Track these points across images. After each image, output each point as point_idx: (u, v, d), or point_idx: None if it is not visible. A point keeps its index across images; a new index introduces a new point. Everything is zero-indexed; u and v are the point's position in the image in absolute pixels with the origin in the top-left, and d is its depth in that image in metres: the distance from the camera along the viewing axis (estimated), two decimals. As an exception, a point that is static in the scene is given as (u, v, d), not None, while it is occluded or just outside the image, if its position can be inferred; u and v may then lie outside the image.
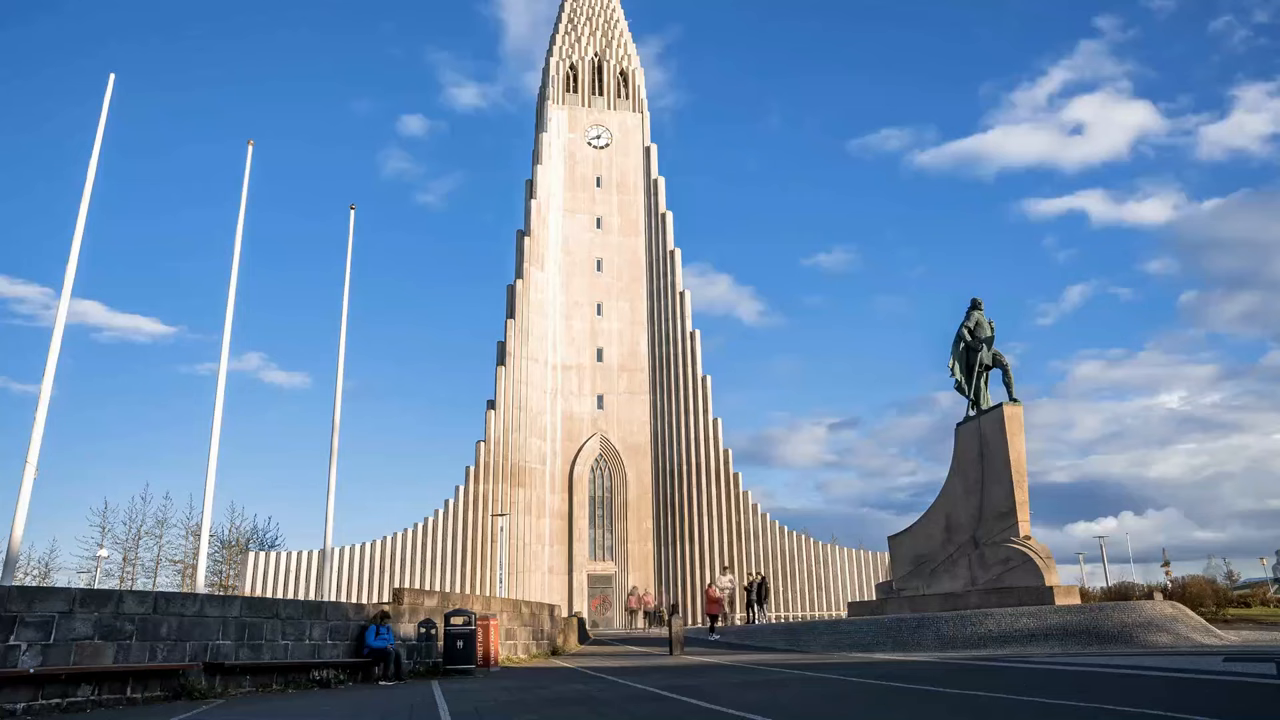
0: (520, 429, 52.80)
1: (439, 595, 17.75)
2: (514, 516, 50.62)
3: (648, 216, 59.75)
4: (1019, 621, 16.33)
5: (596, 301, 57.60)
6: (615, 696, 10.51)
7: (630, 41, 64.97)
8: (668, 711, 8.80)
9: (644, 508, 54.31)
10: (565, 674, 15.37)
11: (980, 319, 21.59)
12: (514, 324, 54.13)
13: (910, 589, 22.15)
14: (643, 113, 62.52)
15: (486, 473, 51.30)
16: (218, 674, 12.27)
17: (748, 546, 53.42)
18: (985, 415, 20.35)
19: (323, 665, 13.98)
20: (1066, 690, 8.96)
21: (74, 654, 10.59)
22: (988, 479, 19.87)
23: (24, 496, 12.89)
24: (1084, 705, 7.65)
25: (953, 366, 21.84)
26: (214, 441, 16.67)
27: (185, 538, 61.20)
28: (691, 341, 56.01)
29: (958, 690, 9.47)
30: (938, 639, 17.15)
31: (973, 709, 7.92)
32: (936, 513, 22.00)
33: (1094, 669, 11.21)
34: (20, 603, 10.32)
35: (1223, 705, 7.47)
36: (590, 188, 59.89)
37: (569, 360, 56.08)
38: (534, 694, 11.37)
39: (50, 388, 13.63)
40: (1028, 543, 18.62)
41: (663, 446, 55.07)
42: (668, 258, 58.08)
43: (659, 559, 53.59)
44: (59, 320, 14.15)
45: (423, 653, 16.36)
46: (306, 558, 49.30)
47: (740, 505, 54.02)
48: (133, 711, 10.43)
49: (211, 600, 12.86)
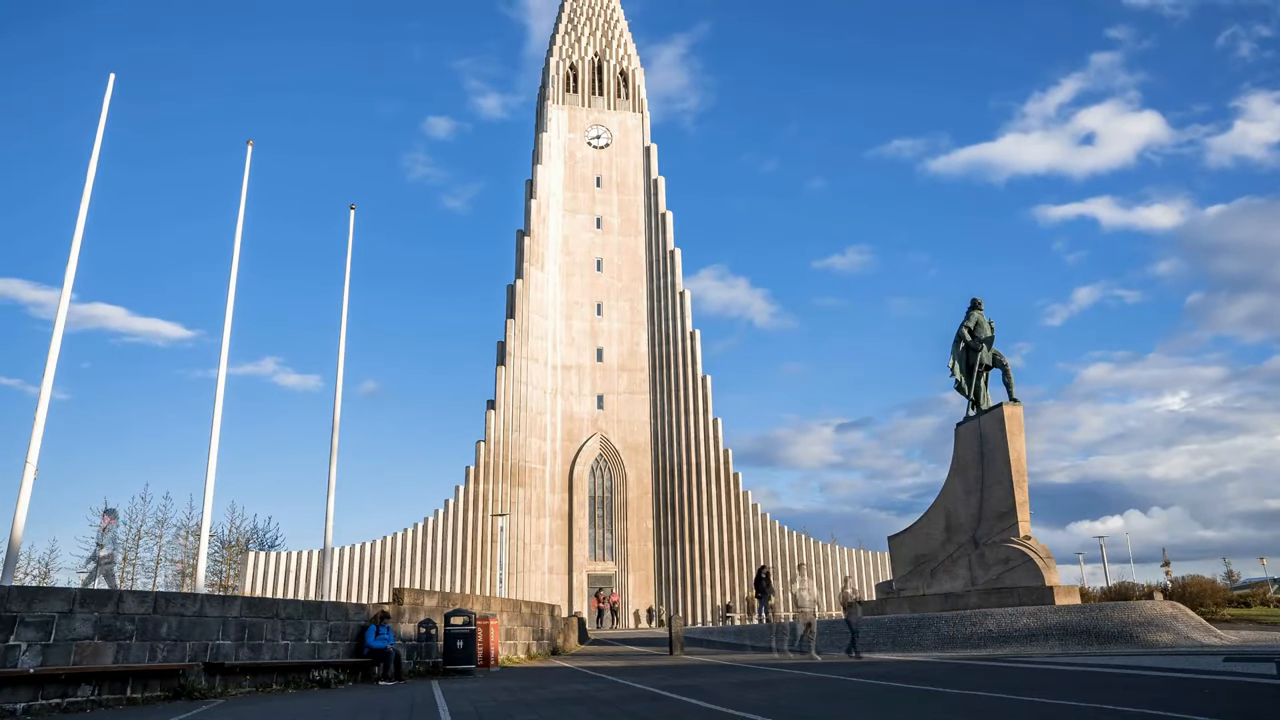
0: (520, 429, 52.80)
1: (439, 595, 17.75)
2: (514, 516, 50.61)
3: (648, 216, 59.74)
4: (1019, 621, 16.33)
5: (596, 301, 57.59)
6: (615, 696, 10.51)
7: (630, 41, 64.95)
8: (667, 711, 8.80)
9: (644, 508, 54.30)
10: (565, 674, 15.37)
11: (980, 319, 21.60)
12: (514, 324, 54.12)
13: (910, 589, 22.14)
14: (643, 113, 62.50)
15: (486, 473, 51.29)
16: (218, 674, 12.27)
17: (748, 546, 53.41)
18: (985, 415, 20.35)
19: (323, 665, 13.98)
20: (1066, 690, 8.96)
21: (74, 654, 10.59)
22: (988, 479, 19.86)
23: (24, 496, 12.89)
24: (1084, 705, 7.64)
25: (953, 366, 21.85)
26: (214, 441, 16.67)
27: (185, 538, 61.20)
28: (692, 341, 55.99)
29: (957, 690, 9.47)
30: (938, 639, 17.15)
31: (972, 709, 7.92)
32: (936, 513, 21.99)
33: (1094, 669, 11.21)
34: (20, 603, 10.32)
35: (1223, 705, 7.47)
36: (590, 188, 59.88)
37: (569, 360, 56.07)
38: (534, 694, 11.37)
39: (50, 389, 13.63)
40: (1028, 543, 18.62)
41: (663, 446, 55.06)
42: (668, 257, 58.06)
43: (659, 559, 53.57)
44: (59, 322, 14.15)
45: (423, 653, 16.36)
46: (306, 558, 49.29)
47: (740, 505, 54.01)
48: (133, 711, 10.42)
49: (211, 600, 12.85)
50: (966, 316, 21.84)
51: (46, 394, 13.55)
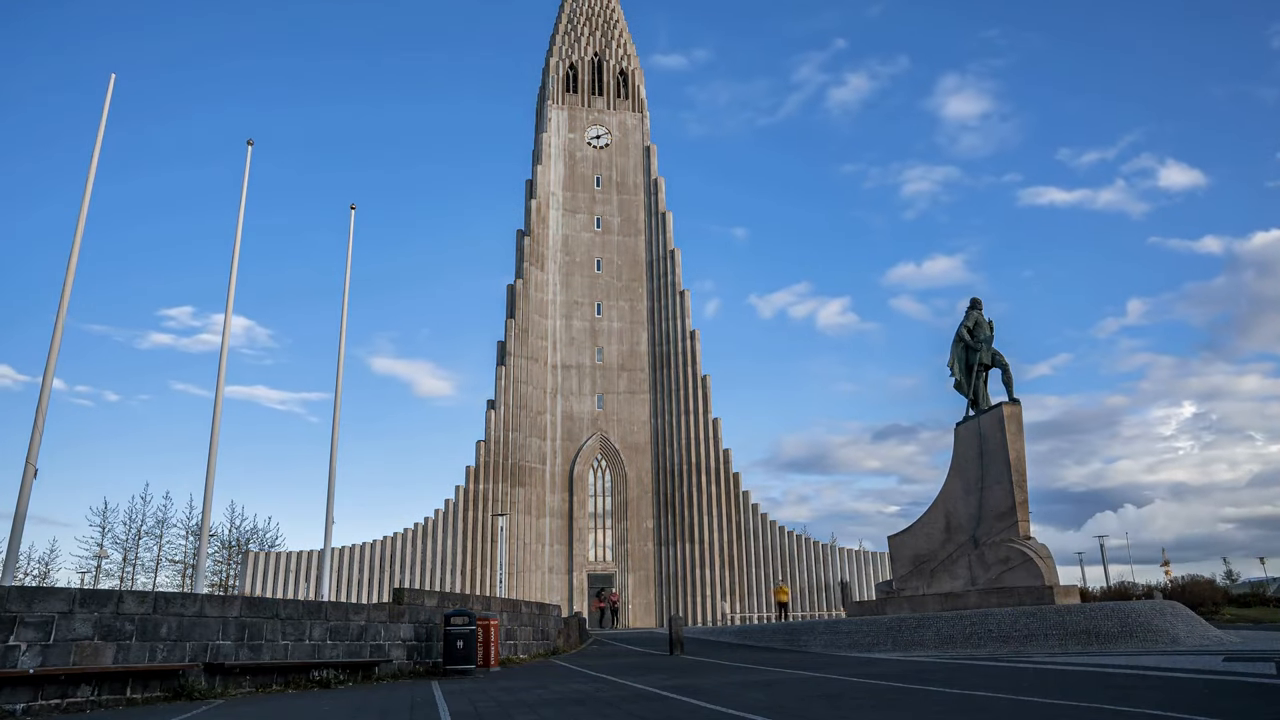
0: (520, 428, 52.79)
1: (439, 595, 17.74)
2: (514, 516, 50.61)
3: (648, 216, 59.74)
4: (1019, 621, 16.32)
5: (596, 301, 57.60)
6: (615, 696, 10.51)
7: (630, 41, 64.95)
8: (668, 711, 8.79)
9: (644, 507, 54.29)
10: (565, 674, 15.37)
11: (980, 319, 21.59)
12: (514, 323, 54.12)
13: (910, 589, 22.14)
14: (643, 112, 62.49)
15: (487, 472, 51.29)
16: (218, 674, 12.27)
17: (748, 546, 53.42)
18: (985, 415, 20.35)
19: (323, 665, 13.97)
20: (1066, 690, 8.96)
21: (74, 654, 10.59)
22: (987, 479, 19.86)
23: (24, 496, 12.90)
24: (1083, 705, 7.64)
25: (952, 365, 21.84)
26: (214, 441, 16.68)
27: (185, 538, 61.22)
28: (692, 341, 55.97)
29: (958, 690, 9.47)
30: (938, 639, 17.15)
31: (973, 709, 7.91)
32: (936, 512, 21.99)
33: (1093, 669, 11.21)
34: (20, 603, 10.31)
35: (1223, 705, 7.46)
36: (590, 187, 59.88)
37: (569, 360, 56.07)
38: (534, 694, 11.36)
39: (50, 390, 13.63)
40: (1028, 542, 18.62)
41: (663, 446, 55.05)
42: (668, 257, 58.06)
43: (659, 559, 53.56)
44: (59, 323, 14.15)
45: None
46: (306, 558, 49.29)
47: (740, 505, 54.01)
48: (133, 712, 10.42)
49: (211, 600, 12.85)
50: (966, 316, 21.83)
51: (46, 395, 13.55)
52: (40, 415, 13.33)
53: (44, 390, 13.54)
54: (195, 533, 58.51)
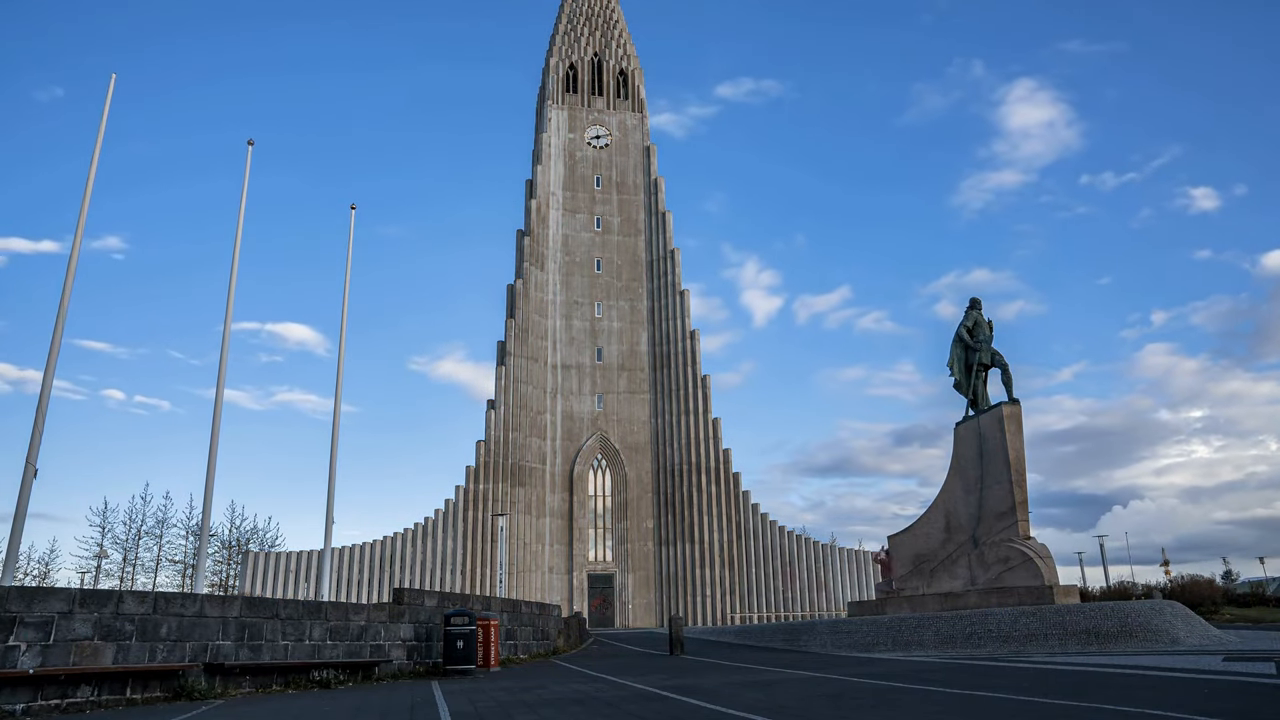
0: (520, 428, 52.80)
1: (439, 595, 17.74)
2: (514, 516, 50.61)
3: (647, 216, 59.74)
4: (1019, 621, 16.32)
5: (596, 301, 57.61)
6: (615, 696, 10.51)
7: (630, 42, 64.97)
8: (668, 711, 8.80)
9: (644, 507, 54.30)
10: (565, 674, 15.37)
11: (979, 319, 21.60)
12: (514, 323, 54.12)
13: (910, 589, 22.14)
14: (642, 113, 62.51)
15: (487, 472, 51.30)
16: (218, 674, 12.27)
17: (748, 546, 53.42)
18: (984, 415, 20.35)
19: (323, 665, 13.97)
20: (1066, 690, 8.96)
21: (73, 654, 10.58)
22: (987, 479, 19.87)
23: (24, 497, 12.89)
24: (1083, 705, 7.64)
25: (952, 365, 21.84)
26: (214, 441, 16.68)
27: (185, 538, 61.23)
28: (692, 341, 55.96)
29: (958, 690, 9.47)
30: (938, 639, 17.15)
31: (973, 709, 7.91)
32: (936, 512, 21.99)
33: (1093, 669, 11.21)
34: (20, 603, 10.31)
35: (1223, 705, 7.46)
36: (590, 187, 59.90)
37: (569, 360, 56.08)
38: (534, 694, 11.36)
39: (50, 390, 13.63)
40: (1027, 542, 18.62)
41: (662, 446, 55.06)
42: (668, 257, 58.06)
43: (659, 559, 53.57)
44: (59, 323, 14.15)
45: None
46: (306, 558, 49.30)
47: (740, 505, 54.02)
48: (133, 712, 10.42)
49: (211, 600, 12.85)
50: (965, 316, 21.84)
51: (46, 396, 13.55)
52: (40, 416, 13.33)
53: (44, 391, 13.54)
54: (195, 533, 58.54)
